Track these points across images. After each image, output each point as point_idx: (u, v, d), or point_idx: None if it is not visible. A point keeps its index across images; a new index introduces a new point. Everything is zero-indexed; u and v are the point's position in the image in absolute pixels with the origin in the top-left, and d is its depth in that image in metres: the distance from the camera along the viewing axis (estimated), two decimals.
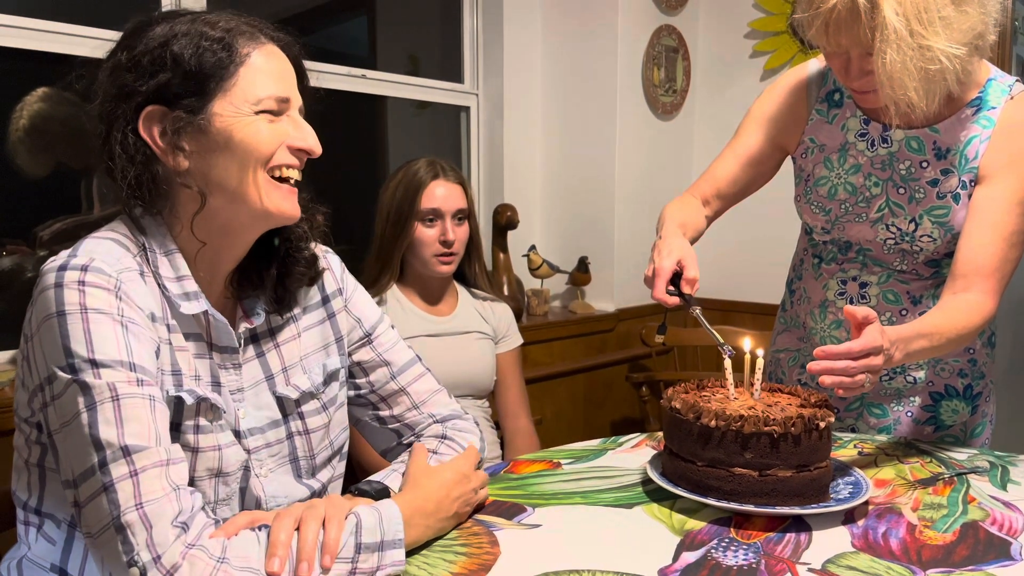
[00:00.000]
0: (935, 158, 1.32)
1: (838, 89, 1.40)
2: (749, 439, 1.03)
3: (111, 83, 0.93)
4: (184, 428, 0.93)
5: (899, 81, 1.13)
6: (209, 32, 0.93)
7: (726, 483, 1.04)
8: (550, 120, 3.08)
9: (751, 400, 1.15)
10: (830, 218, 1.42)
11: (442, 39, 3.06)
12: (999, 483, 1.19)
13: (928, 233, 1.34)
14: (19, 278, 2.02)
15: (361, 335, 1.16)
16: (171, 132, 0.92)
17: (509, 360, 2.00)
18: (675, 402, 1.12)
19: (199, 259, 0.98)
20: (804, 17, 1.20)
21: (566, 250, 3.04)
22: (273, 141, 0.95)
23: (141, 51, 0.92)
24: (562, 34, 3.00)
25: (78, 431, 0.82)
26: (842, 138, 1.40)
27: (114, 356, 0.84)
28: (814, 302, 1.51)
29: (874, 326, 1.06)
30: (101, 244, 0.91)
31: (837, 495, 1.08)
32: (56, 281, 0.86)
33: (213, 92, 0.92)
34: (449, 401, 1.21)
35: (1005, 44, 2.60)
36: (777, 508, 1.03)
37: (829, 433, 1.09)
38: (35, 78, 1.97)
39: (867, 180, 1.38)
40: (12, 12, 1.90)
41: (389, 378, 1.17)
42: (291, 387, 1.06)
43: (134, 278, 0.90)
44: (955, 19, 1.13)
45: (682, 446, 1.09)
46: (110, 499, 0.80)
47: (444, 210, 1.83)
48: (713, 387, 1.21)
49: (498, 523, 1.04)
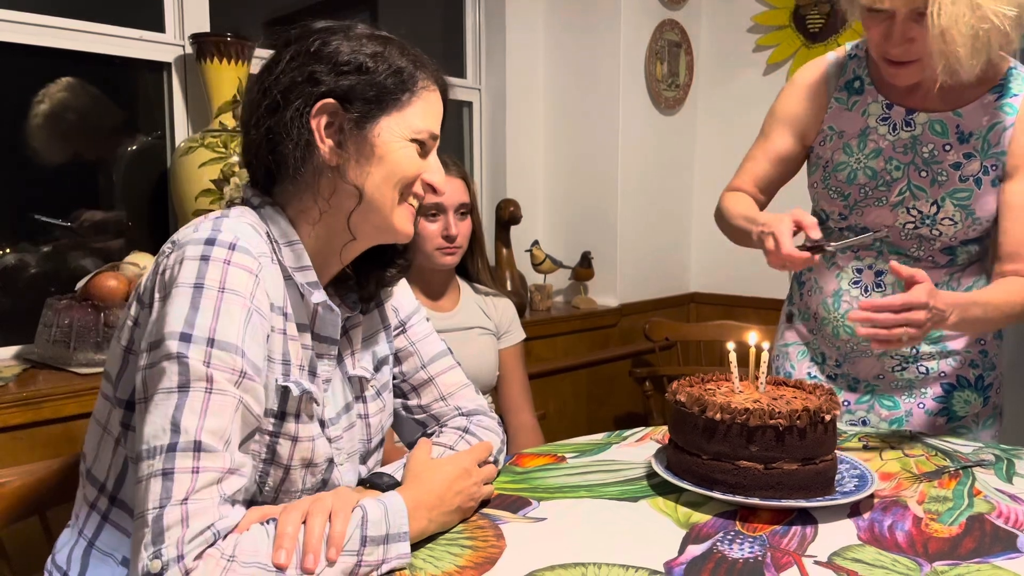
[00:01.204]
0: (958, 142, 1.34)
1: (858, 77, 1.42)
2: (755, 432, 1.03)
3: (299, 66, 0.97)
4: (287, 418, 0.95)
5: (951, 36, 1.15)
6: (396, 58, 1.00)
7: (731, 476, 1.05)
8: (553, 115, 3.07)
9: (756, 393, 1.14)
10: (848, 203, 1.43)
11: (444, 34, 3.05)
12: (1005, 476, 1.19)
13: (950, 216, 1.35)
14: (22, 275, 2.03)
15: (397, 323, 1.18)
16: (337, 129, 0.96)
17: (512, 355, 1.99)
18: (680, 395, 1.12)
19: (319, 255, 1.01)
20: None
21: (569, 245, 3.04)
22: (417, 169, 1.02)
23: (334, 50, 0.97)
24: (565, 29, 3.00)
25: (160, 408, 0.83)
26: (863, 123, 1.41)
27: (232, 342, 0.85)
28: (827, 291, 1.50)
29: (923, 285, 1.10)
30: (240, 224, 0.93)
31: (843, 488, 1.08)
32: (203, 254, 0.87)
33: (387, 109, 0.98)
34: (476, 396, 1.23)
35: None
36: (783, 501, 1.03)
37: (835, 426, 1.09)
38: (52, 74, 2.00)
39: (888, 164, 1.39)
40: (25, 8, 1.90)
41: (419, 367, 1.19)
42: (360, 368, 1.10)
43: (270, 264, 0.94)
44: None
45: (687, 439, 1.09)
46: (164, 485, 0.80)
47: (447, 204, 1.82)
48: (718, 380, 1.21)
49: (503, 516, 1.04)
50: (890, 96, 1.39)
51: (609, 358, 2.94)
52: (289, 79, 0.96)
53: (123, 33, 2.06)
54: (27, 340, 1.90)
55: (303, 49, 0.98)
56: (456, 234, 1.83)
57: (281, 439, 0.95)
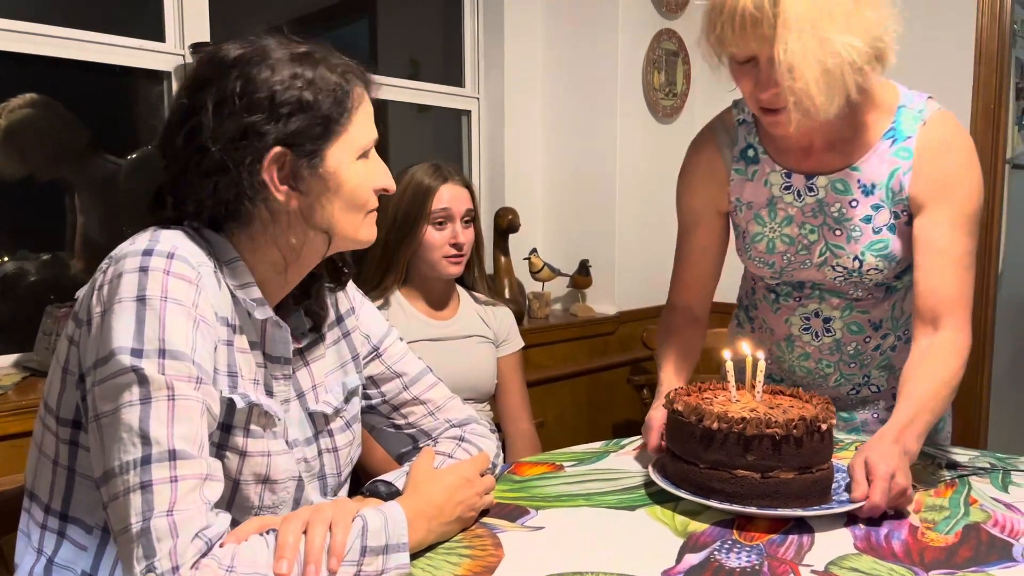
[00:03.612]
0: (862, 195, 1.32)
1: (751, 145, 1.40)
2: (751, 441, 1.04)
3: (231, 115, 0.91)
4: (234, 431, 0.93)
5: (800, 71, 1.12)
6: (329, 76, 0.95)
7: (728, 485, 1.05)
8: (551, 123, 3.08)
9: (753, 402, 1.15)
10: (775, 270, 1.43)
11: (443, 43, 3.07)
12: (1000, 485, 1.19)
13: (874, 267, 1.34)
14: (21, 282, 2.03)
15: (369, 349, 1.17)
16: (289, 174, 0.94)
17: (510, 364, 2.00)
18: (677, 404, 1.12)
19: (269, 280, 0.99)
20: (710, 20, 1.19)
21: (567, 253, 3.04)
22: (369, 186, 1.00)
23: (266, 92, 0.91)
24: (563, 38, 3.01)
25: (124, 422, 0.81)
26: (767, 193, 1.39)
27: (182, 350, 0.84)
28: (778, 335, 1.51)
29: (875, 473, 1.05)
30: (178, 236, 0.91)
31: (839, 497, 1.09)
32: (142, 265, 0.85)
33: (332, 139, 0.95)
34: (464, 407, 1.23)
35: (1004, 47, 2.61)
36: (779, 510, 1.03)
37: (831, 435, 1.09)
38: (20, 83, 1.97)
39: (802, 229, 1.38)
40: (26, 18, 1.91)
41: (402, 389, 1.18)
42: (323, 403, 1.07)
43: (211, 274, 0.91)
44: (854, 15, 1.14)
45: (685, 448, 1.10)
46: (145, 498, 0.79)
47: (454, 212, 1.83)
48: (715, 389, 1.21)
49: (501, 525, 1.05)
50: (787, 163, 1.36)
51: (607, 366, 2.95)
52: (228, 135, 0.91)
53: (123, 43, 2.07)
54: (26, 348, 1.91)
55: (228, 94, 0.91)
56: (464, 242, 1.84)
57: (228, 452, 0.93)
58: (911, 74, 2.78)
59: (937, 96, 2.80)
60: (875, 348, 1.45)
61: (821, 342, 1.46)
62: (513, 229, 2.69)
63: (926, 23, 2.72)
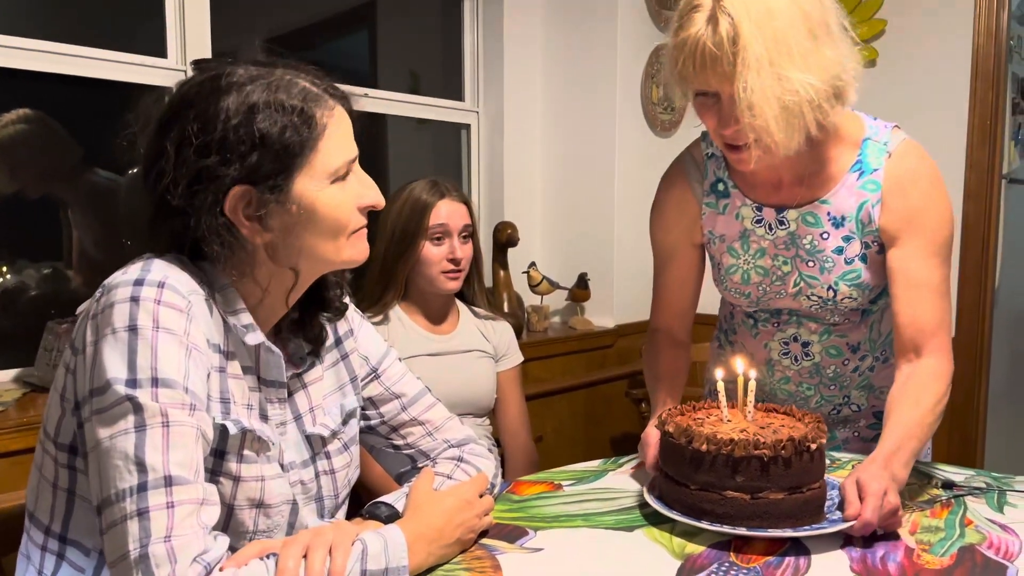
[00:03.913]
0: (833, 227, 1.33)
1: (720, 179, 1.41)
2: (740, 463, 1.04)
3: (191, 163, 0.89)
4: (228, 457, 0.93)
5: (759, 108, 1.13)
6: (287, 101, 0.92)
7: (719, 506, 1.05)
8: (550, 137, 3.10)
9: (744, 422, 1.15)
10: (751, 300, 1.45)
11: (443, 56, 3.08)
12: (996, 505, 1.20)
13: (848, 295, 1.36)
14: (22, 297, 2.04)
15: (368, 371, 1.17)
16: (256, 210, 0.92)
17: (509, 378, 2.01)
18: (669, 425, 1.13)
19: (260, 305, 0.99)
20: (672, 56, 1.20)
21: (566, 266, 3.05)
22: (349, 208, 0.97)
23: (221, 129, 0.89)
24: (562, 52, 3.03)
25: (120, 450, 0.82)
26: (739, 226, 1.40)
27: (175, 377, 0.85)
28: (758, 359, 1.52)
29: (867, 491, 1.05)
30: (170, 266, 0.91)
31: (832, 516, 1.09)
32: (133, 295, 0.86)
33: (297, 169, 0.92)
34: (462, 427, 1.23)
35: (1000, 63, 2.63)
36: (770, 530, 1.04)
37: (822, 454, 1.10)
38: (19, 99, 1.98)
39: (775, 261, 1.39)
40: (30, 35, 1.92)
41: (400, 410, 1.18)
42: (320, 426, 1.07)
43: (201, 302, 0.91)
44: (812, 54, 1.14)
45: (676, 469, 1.11)
46: (142, 525, 0.80)
47: (452, 227, 1.85)
48: (708, 409, 1.22)
49: (500, 547, 1.05)
50: (757, 197, 1.37)
51: (606, 379, 2.95)
52: (186, 180, 0.90)
53: (126, 59, 2.08)
54: (27, 363, 1.91)
55: (185, 136, 0.90)
56: (461, 257, 1.85)
57: (222, 478, 0.93)
58: (909, 91, 2.82)
59: (934, 112, 2.83)
60: (854, 370, 1.47)
61: (801, 366, 1.48)
62: (512, 243, 2.71)
63: (923, 40, 2.74)
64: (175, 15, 2.16)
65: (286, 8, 2.64)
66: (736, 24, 1.12)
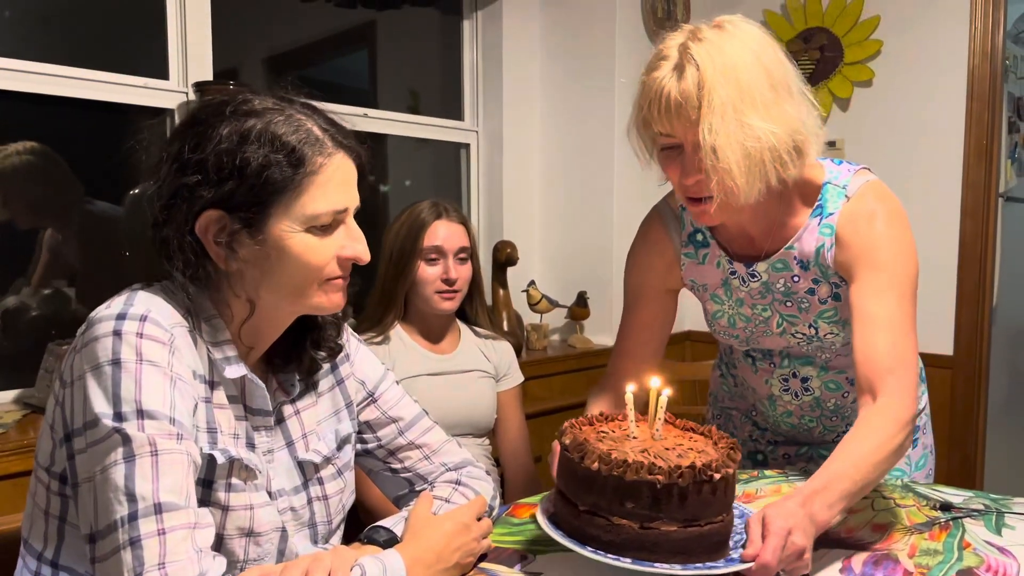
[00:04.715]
0: (802, 270, 1.35)
1: (698, 230, 1.43)
2: (630, 488, 0.92)
3: (174, 178, 0.92)
4: (216, 486, 0.94)
5: (723, 152, 1.15)
6: (281, 139, 0.92)
7: (605, 532, 0.94)
8: (549, 156, 3.12)
9: (650, 441, 1.04)
10: (741, 340, 1.47)
11: (442, 76, 3.11)
12: (994, 527, 1.20)
13: (829, 331, 1.38)
14: (23, 317, 2.04)
15: (365, 395, 1.18)
16: (226, 238, 0.93)
17: (510, 398, 2.01)
18: (567, 437, 1.01)
19: (242, 333, 1.00)
20: (637, 101, 1.23)
21: (565, 285, 3.06)
22: (326, 256, 0.97)
23: (210, 151, 0.91)
24: (560, 71, 3.05)
25: (111, 482, 0.83)
26: (720, 274, 1.42)
27: (160, 409, 0.86)
28: (760, 394, 1.54)
29: (769, 528, 0.97)
30: (153, 298, 0.93)
31: (736, 552, 0.98)
32: (115, 329, 0.87)
33: (273, 206, 0.92)
34: (460, 450, 1.23)
35: (996, 83, 2.65)
36: (657, 565, 0.93)
37: (728, 484, 0.97)
38: (22, 122, 2.00)
39: (754, 309, 1.42)
40: (32, 58, 1.94)
41: (397, 434, 1.19)
42: (312, 452, 1.08)
43: (184, 334, 0.93)
44: (774, 105, 1.17)
45: (567, 486, 1.00)
46: (135, 555, 0.80)
47: (446, 249, 1.85)
48: (622, 420, 1.10)
49: (500, 571, 1.05)
50: (730, 249, 1.40)
51: None
52: (167, 194, 0.93)
53: (128, 81, 2.10)
54: (27, 384, 1.92)
55: (180, 152, 0.92)
56: (456, 278, 1.85)
57: (211, 508, 0.93)
58: (906, 110, 2.83)
59: (930, 132, 2.84)
60: (854, 401, 1.47)
61: (802, 400, 1.49)
62: (511, 262, 2.72)
63: (919, 60, 2.76)
64: (176, 37, 2.18)
65: (286, 28, 2.67)
66: (702, 72, 1.15)
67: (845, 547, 1.12)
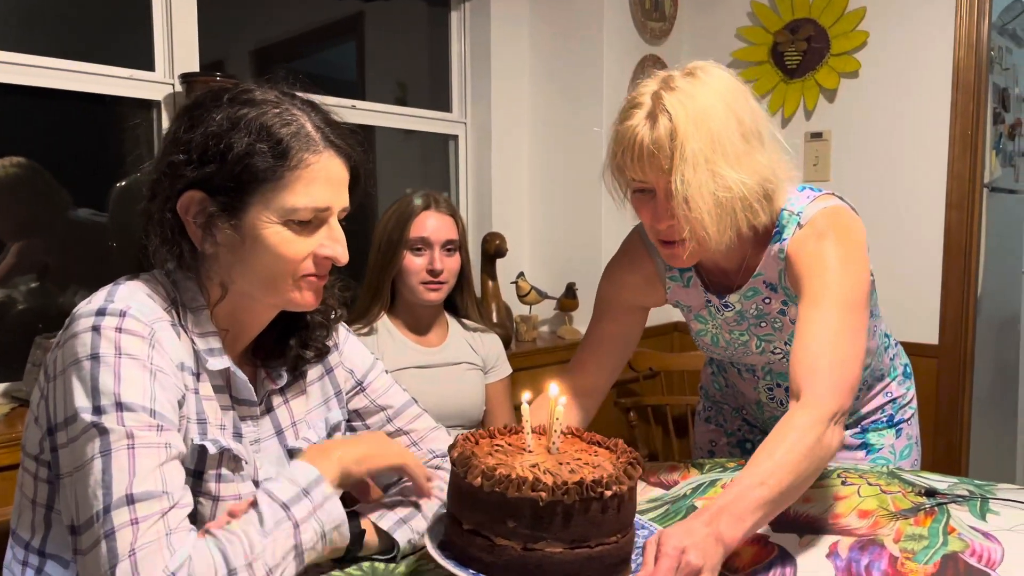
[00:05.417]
0: (771, 292, 1.37)
1: None
2: (512, 505, 0.85)
3: (164, 156, 0.94)
4: (207, 477, 0.95)
5: (695, 202, 1.16)
6: (269, 129, 0.93)
7: (487, 554, 0.87)
8: (537, 148, 3.12)
9: (544, 454, 0.96)
10: (725, 356, 1.51)
11: (430, 67, 3.10)
12: (978, 513, 1.21)
13: None
14: (10, 311, 2.03)
15: (354, 384, 1.18)
16: (204, 219, 0.94)
17: (498, 390, 2.02)
18: (455, 450, 0.94)
19: (219, 317, 1.00)
20: (611, 148, 1.24)
21: (554, 276, 3.07)
22: (302, 252, 0.97)
23: (199, 133, 0.92)
24: (548, 63, 3.05)
25: (90, 475, 0.84)
26: (703, 297, 1.44)
27: (139, 401, 0.86)
28: (749, 399, 1.56)
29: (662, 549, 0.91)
30: (135, 293, 0.93)
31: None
32: (94, 324, 0.88)
33: (253, 195, 0.93)
34: (448, 438, 1.24)
35: (981, 74, 2.66)
36: None
37: (624, 501, 0.90)
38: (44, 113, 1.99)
39: (732, 334, 1.45)
40: (19, 49, 1.92)
41: (386, 421, 1.20)
42: (302, 440, 1.09)
43: (166, 328, 0.93)
44: (745, 156, 1.19)
45: (453, 503, 0.93)
46: (109, 547, 0.81)
47: (433, 240, 1.85)
48: (519, 433, 1.03)
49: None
50: (711, 278, 1.42)
51: None
52: (157, 170, 0.95)
53: (114, 73, 2.09)
54: (15, 377, 1.91)
55: (175, 133, 0.95)
56: (441, 269, 1.85)
57: (201, 499, 0.95)
58: (891, 101, 2.85)
59: (916, 122, 2.85)
60: None
61: (788, 407, 1.49)
62: (500, 254, 2.72)
63: (905, 51, 2.77)
64: (163, 27, 2.17)
65: (274, 19, 2.65)
66: (674, 121, 1.16)
67: (831, 533, 1.13)
